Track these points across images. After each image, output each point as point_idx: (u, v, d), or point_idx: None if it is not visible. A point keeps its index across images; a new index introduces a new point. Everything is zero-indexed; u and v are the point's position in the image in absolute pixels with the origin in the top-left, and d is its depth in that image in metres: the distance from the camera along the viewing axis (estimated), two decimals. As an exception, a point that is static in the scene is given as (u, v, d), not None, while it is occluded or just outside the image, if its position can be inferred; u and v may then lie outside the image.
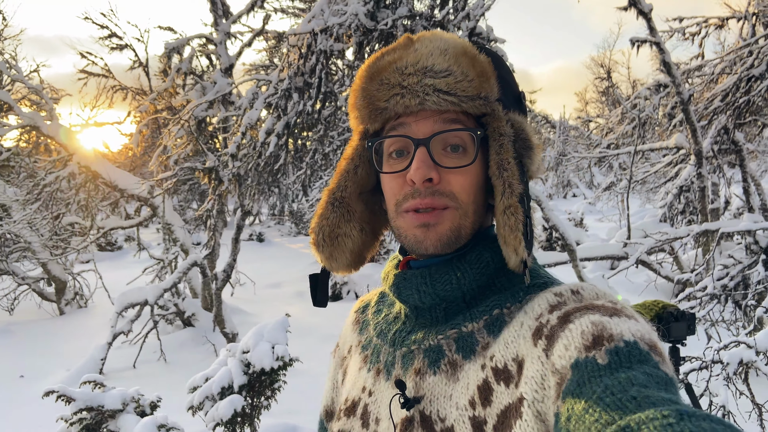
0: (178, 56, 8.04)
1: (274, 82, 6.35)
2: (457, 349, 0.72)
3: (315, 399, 5.77)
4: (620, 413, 0.47)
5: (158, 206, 8.82)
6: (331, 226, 0.84)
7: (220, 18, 8.50)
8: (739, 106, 9.76)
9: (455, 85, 0.71)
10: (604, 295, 0.66)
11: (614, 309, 0.61)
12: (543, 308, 0.66)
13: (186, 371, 7.28)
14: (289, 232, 22.14)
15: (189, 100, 7.56)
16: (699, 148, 8.90)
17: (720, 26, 13.05)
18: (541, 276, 0.76)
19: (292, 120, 6.13)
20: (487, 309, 0.72)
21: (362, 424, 0.81)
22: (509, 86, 0.78)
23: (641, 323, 0.60)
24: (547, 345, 0.61)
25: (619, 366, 0.53)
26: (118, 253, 18.34)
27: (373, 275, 11.18)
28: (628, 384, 0.50)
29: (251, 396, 3.90)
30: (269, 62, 14.85)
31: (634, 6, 8.60)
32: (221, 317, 7.67)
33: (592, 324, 0.58)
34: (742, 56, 9.46)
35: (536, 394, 0.59)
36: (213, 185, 6.41)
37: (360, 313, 0.97)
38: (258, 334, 3.97)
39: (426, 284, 0.75)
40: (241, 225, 7.28)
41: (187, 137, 7.13)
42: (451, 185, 0.73)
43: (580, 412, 0.50)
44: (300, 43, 6.27)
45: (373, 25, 6.05)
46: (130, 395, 3.27)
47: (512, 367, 0.65)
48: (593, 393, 0.51)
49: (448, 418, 0.69)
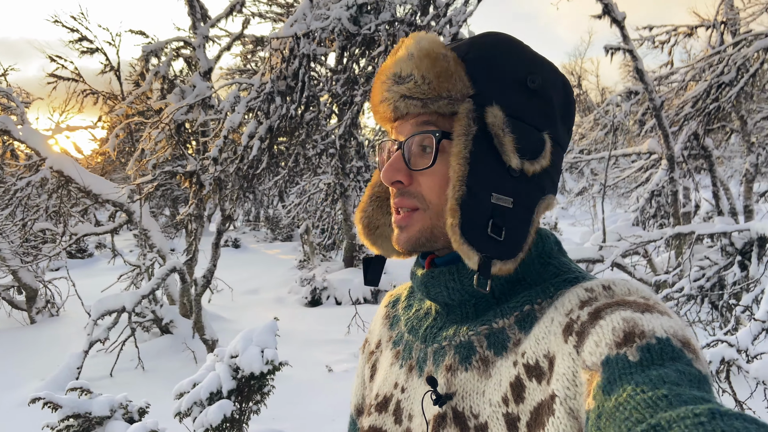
0: (155, 59, 7.94)
1: (257, 85, 6.32)
2: (489, 345, 0.72)
3: (298, 405, 5.71)
4: (651, 411, 0.46)
5: (134, 212, 8.66)
6: (369, 218, 0.89)
7: (199, 21, 8.43)
8: (709, 112, 10.02)
9: (415, 89, 0.72)
10: (636, 291, 0.65)
11: (646, 305, 0.61)
12: (573, 304, 0.66)
13: (165, 379, 7.16)
14: (265, 238, 21.96)
15: (167, 104, 7.46)
16: (671, 153, 9.11)
17: (689, 34, 13.40)
18: (572, 270, 0.75)
19: (275, 124, 6.10)
20: (518, 305, 0.72)
21: (395, 420, 0.81)
22: (502, 74, 0.73)
23: (674, 319, 0.59)
24: (578, 341, 0.60)
25: (650, 363, 0.52)
26: (89, 261, 17.96)
27: (353, 280, 11.17)
28: (660, 382, 0.49)
29: (240, 401, 3.86)
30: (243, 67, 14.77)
31: (608, 14, 8.77)
32: (201, 324, 7.57)
33: (623, 320, 0.58)
34: (712, 63, 9.73)
35: (568, 391, 0.59)
36: (194, 189, 6.33)
37: (390, 307, 0.97)
38: (247, 339, 3.93)
39: (454, 281, 0.75)
40: (221, 230, 7.21)
41: (167, 141, 7.03)
42: (420, 186, 0.75)
43: (611, 410, 0.50)
44: (282, 47, 6.25)
45: (356, 29, 6.06)
46: (118, 401, 3.20)
47: (544, 364, 0.64)
48: (624, 390, 0.50)
49: (481, 414, 0.69)
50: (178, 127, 7.24)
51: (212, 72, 8.40)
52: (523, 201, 0.72)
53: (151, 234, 8.82)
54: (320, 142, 7.90)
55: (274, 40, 6.27)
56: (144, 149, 7.38)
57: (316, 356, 7.26)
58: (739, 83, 9.50)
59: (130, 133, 11.73)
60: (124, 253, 14.60)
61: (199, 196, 6.23)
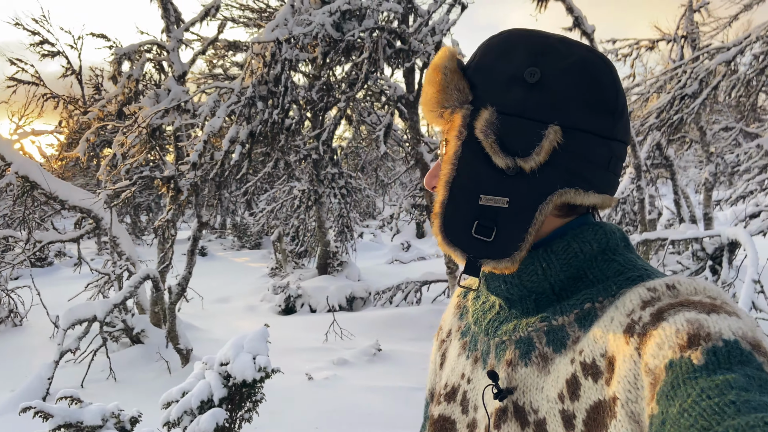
0: (128, 62, 7.78)
1: (237, 90, 6.26)
2: (548, 342, 0.72)
3: (280, 414, 5.64)
4: (718, 418, 0.45)
5: (102, 218, 8.44)
6: None
7: (173, 25, 8.31)
8: (672, 122, 10.34)
9: (428, 101, 0.78)
10: (703, 290, 0.63)
11: (713, 305, 0.58)
12: (635, 304, 0.64)
13: (137, 390, 6.97)
14: (232, 246, 21.64)
15: (141, 107, 7.31)
16: (638, 162, 9.37)
17: (651, 48, 13.84)
18: (637, 268, 0.72)
19: (257, 129, 6.04)
20: (578, 302, 0.71)
21: (462, 410, 0.82)
22: (497, 74, 0.73)
23: (744, 320, 0.56)
24: (640, 343, 0.59)
25: (717, 367, 0.50)
26: (50, 270, 17.39)
27: (328, 287, 11.10)
28: (727, 387, 0.47)
29: (231, 409, 3.79)
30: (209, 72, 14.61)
31: (578, 27, 8.98)
32: (175, 333, 7.40)
33: (687, 322, 0.56)
34: (676, 75, 10.06)
35: (629, 394, 0.58)
36: (171, 195, 6.21)
37: (462, 297, 0.98)
38: (237, 346, 3.87)
39: (513, 276, 0.75)
40: (197, 236, 7.09)
41: (141, 145, 6.89)
42: None
43: (675, 416, 0.48)
44: (263, 51, 6.21)
45: (339, 36, 6.07)
46: (109, 411, 3.11)
47: (600, 363, 0.64)
48: (688, 396, 0.48)
49: (540, 410, 0.69)
50: (153, 131, 7.10)
51: (186, 76, 8.29)
52: (521, 200, 0.71)
53: (121, 241, 8.60)
54: (303, 148, 7.86)
55: (255, 44, 6.22)
56: (116, 154, 7.21)
57: (295, 364, 7.18)
58: (702, 95, 9.84)
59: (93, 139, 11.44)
60: (87, 261, 14.17)
61: (177, 202, 6.11)
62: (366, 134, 12.35)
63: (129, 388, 6.96)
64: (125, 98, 7.68)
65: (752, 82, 9.42)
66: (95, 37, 11.91)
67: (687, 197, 13.68)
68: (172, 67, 8.09)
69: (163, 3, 8.16)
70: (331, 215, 13.06)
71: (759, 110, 16.58)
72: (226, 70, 14.45)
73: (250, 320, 10.42)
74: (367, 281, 12.37)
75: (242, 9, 11.10)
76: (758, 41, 8.27)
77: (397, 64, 6.84)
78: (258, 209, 17.22)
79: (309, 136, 7.83)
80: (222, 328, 9.65)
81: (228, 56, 12.43)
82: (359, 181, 13.75)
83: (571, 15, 8.43)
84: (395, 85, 6.92)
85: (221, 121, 6.11)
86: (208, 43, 8.43)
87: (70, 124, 18.70)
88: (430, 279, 10.08)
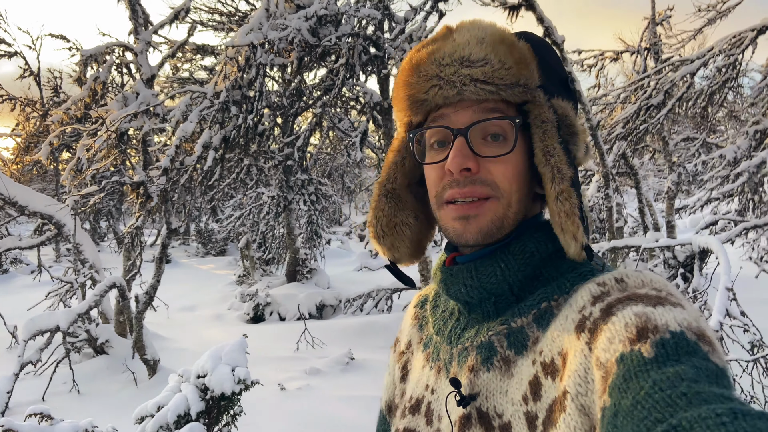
0: (95, 64, 7.56)
1: (210, 94, 6.13)
2: (509, 345, 0.71)
3: (253, 426, 5.52)
4: (671, 410, 0.46)
5: (64, 225, 8.15)
6: (387, 216, 0.86)
7: (141, 27, 8.11)
8: (638, 132, 10.58)
9: (492, 74, 0.71)
10: (650, 282, 0.64)
11: (658, 297, 0.60)
12: (586, 300, 0.66)
13: (103, 403, 6.73)
14: (196, 253, 21.22)
15: (108, 111, 7.10)
16: (606, 170, 9.54)
17: (615, 59, 14.18)
18: (588, 263, 0.74)
19: (231, 134, 5.93)
20: (535, 302, 0.71)
21: (426, 421, 0.81)
22: (553, 71, 0.77)
23: (688, 310, 0.58)
24: (590, 338, 0.60)
25: (666, 359, 0.52)
26: (5, 277, 16.74)
27: (298, 295, 10.95)
28: (678, 379, 0.49)
29: (208, 423, 3.67)
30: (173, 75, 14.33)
31: (549, 37, 9.12)
32: (141, 343, 7.17)
33: (635, 315, 0.57)
34: (641, 86, 10.29)
35: (579, 387, 0.59)
36: (141, 201, 6.03)
37: (419, 308, 0.97)
38: (215, 357, 3.75)
39: (472, 278, 0.75)
40: (166, 244, 6.90)
41: (108, 150, 6.69)
42: (492, 174, 0.73)
43: (628, 408, 0.49)
44: (237, 56, 6.10)
45: (315, 41, 6.01)
46: (82, 427, 2.97)
47: (558, 361, 0.64)
48: (641, 389, 0.49)
49: (505, 413, 0.69)
50: (121, 136, 6.91)
51: (155, 79, 8.10)
52: (579, 189, 0.72)
53: (84, 248, 8.32)
54: (277, 154, 7.74)
55: (229, 48, 6.11)
56: (81, 158, 6.98)
57: (266, 374, 7.03)
58: (667, 106, 10.09)
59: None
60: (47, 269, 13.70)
61: (146, 208, 5.94)
62: (335, 140, 12.28)
63: (94, 401, 6.71)
64: (91, 101, 7.45)
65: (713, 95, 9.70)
66: (55, 38, 11.57)
67: (650, 205, 14.01)
68: (140, 70, 7.89)
69: (132, 4, 7.96)
70: (299, 222, 12.93)
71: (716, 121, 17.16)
72: (192, 73, 14.20)
73: (218, 329, 10.21)
74: (336, 288, 12.26)
75: (211, 12, 10.93)
76: (720, 55, 8.53)
77: (372, 70, 6.81)
78: (224, 215, 16.94)
79: (284, 142, 7.72)
80: (189, 338, 9.42)
81: (196, 60, 12.21)
82: (327, 187, 13.66)
83: (542, 25, 8.54)
84: (371, 92, 6.88)
85: (194, 126, 5.98)
86: (178, 46, 8.27)
87: (27, 127, 18.10)
88: (401, 286, 10.04)
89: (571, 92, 0.78)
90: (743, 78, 16.32)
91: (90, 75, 7.59)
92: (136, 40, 8.03)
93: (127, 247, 7.98)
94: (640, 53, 13.02)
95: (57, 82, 17.97)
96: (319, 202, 12.33)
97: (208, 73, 12.33)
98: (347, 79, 6.33)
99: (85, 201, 7.11)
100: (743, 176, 6.92)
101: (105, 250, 22.20)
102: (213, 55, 10.91)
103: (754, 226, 6.28)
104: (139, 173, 6.08)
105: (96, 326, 7.67)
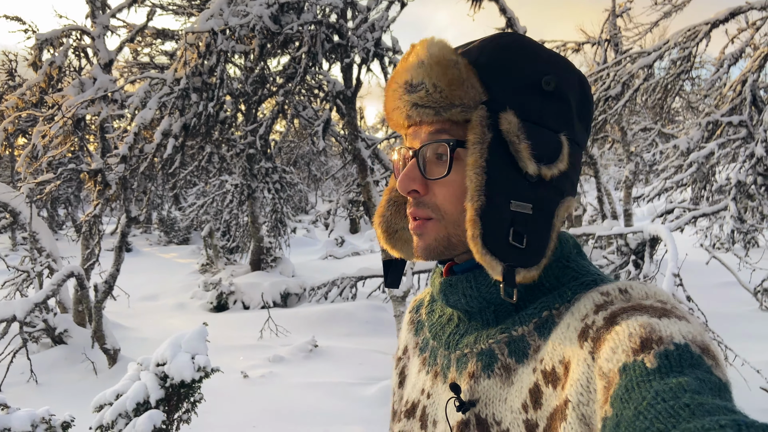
0: (51, 48, 7.36)
1: (169, 81, 6.05)
2: (510, 353, 0.72)
3: (216, 413, 5.53)
4: (673, 421, 0.46)
5: (20, 212, 7.96)
6: (387, 222, 0.88)
7: (98, 10, 7.92)
8: (597, 123, 10.79)
9: (427, 98, 0.71)
10: (654, 294, 0.64)
11: (663, 309, 0.60)
12: (588, 309, 0.65)
13: (62, 393, 6.63)
14: (158, 241, 20.88)
15: (65, 96, 6.94)
16: (567, 160, 9.73)
17: (576, 50, 14.41)
18: (590, 273, 0.74)
19: (191, 121, 5.87)
20: (536, 311, 0.71)
21: (421, 425, 0.81)
22: (513, 79, 0.72)
23: (693, 324, 0.58)
24: (594, 347, 0.60)
25: (669, 370, 0.51)
26: (-44, 267, 16.20)
27: (262, 284, 10.92)
28: (680, 390, 0.48)
29: (168, 411, 3.68)
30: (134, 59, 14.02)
31: (511, 27, 9.22)
32: (101, 332, 7.09)
33: (640, 326, 0.57)
34: (600, 78, 10.50)
35: (581, 397, 0.59)
36: (99, 189, 5.94)
37: (414, 312, 0.97)
38: (175, 345, 3.75)
39: (471, 288, 0.75)
40: (125, 232, 6.81)
41: (64, 137, 6.55)
42: (435, 196, 0.74)
43: (630, 419, 0.49)
44: (197, 42, 6.03)
45: (277, 28, 5.97)
46: (39, 416, 2.95)
47: (559, 370, 0.64)
48: (643, 399, 0.49)
49: (503, 421, 0.69)
50: (78, 122, 6.77)
51: (113, 64, 7.94)
52: (543, 206, 0.70)
53: (41, 237, 8.14)
54: (239, 142, 7.67)
55: (189, 34, 6.03)
56: (37, 145, 6.81)
57: (229, 362, 7.03)
58: (625, 97, 10.33)
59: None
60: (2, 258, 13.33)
61: (105, 196, 5.85)
62: (299, 128, 12.22)
63: (52, 391, 6.62)
64: (47, 86, 7.27)
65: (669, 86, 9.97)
66: (9, 20, 11.18)
67: (609, 194, 14.35)
68: (97, 55, 7.72)
69: (88, -14, 7.77)
70: (263, 210, 12.84)
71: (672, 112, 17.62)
72: (153, 58, 13.92)
73: (181, 318, 10.13)
74: (301, 277, 12.26)
75: (172, -4, 10.70)
76: (676, 47, 8.77)
77: (335, 59, 6.80)
78: (187, 204, 16.70)
79: (245, 130, 7.66)
80: (151, 327, 9.33)
81: (156, 44, 11.97)
82: (292, 175, 13.60)
83: (504, 16, 8.64)
84: (334, 81, 6.88)
85: (153, 113, 5.89)
86: (137, 31, 8.11)
87: (7, 111, 17.43)
88: (366, 274, 10.11)
89: (549, 94, 0.72)
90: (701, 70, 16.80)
91: (46, 59, 7.39)
92: (93, 24, 7.84)
93: (85, 235, 7.84)
94: (600, 45, 13.27)
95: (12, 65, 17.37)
96: (284, 191, 12.26)
97: (169, 58, 12.09)
98: (310, 67, 6.32)
99: (41, 188, 6.95)
100: (693, 166, 7.16)
101: (63, 239, 21.67)
102: (173, 40, 10.72)
103: (703, 214, 6.53)
104: (96, 160, 5.99)
105: (54, 316, 7.54)
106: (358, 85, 6.77)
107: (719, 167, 8.90)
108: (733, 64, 8.89)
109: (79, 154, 10.39)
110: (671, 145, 9.76)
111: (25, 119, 10.50)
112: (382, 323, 9.11)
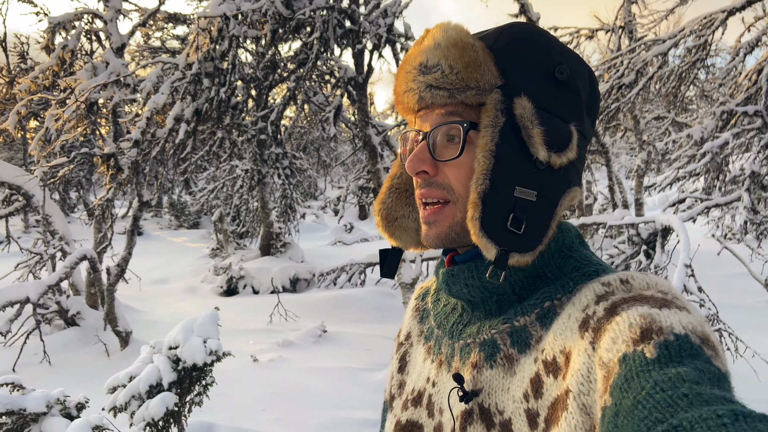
0: (63, 32, 7.38)
1: (181, 66, 6.05)
2: (512, 343, 0.72)
3: (227, 396, 5.60)
4: (671, 411, 0.46)
5: (33, 195, 8.03)
6: (388, 209, 0.89)
7: (111, -7, 7.92)
8: (610, 111, 10.70)
9: (442, 80, 0.71)
10: (655, 285, 0.64)
11: (664, 300, 0.60)
12: (589, 299, 0.66)
13: (74, 374, 6.73)
14: (169, 225, 21.02)
15: (78, 80, 6.97)
16: (578, 148, 9.67)
17: (590, 37, 14.24)
18: (592, 263, 0.74)
19: (203, 107, 5.88)
20: (538, 301, 0.72)
21: (428, 414, 0.82)
22: (529, 67, 0.73)
23: (693, 315, 0.58)
24: (594, 337, 0.60)
25: (669, 360, 0.52)
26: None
27: (271, 269, 10.98)
28: (679, 380, 0.49)
29: (180, 393, 3.73)
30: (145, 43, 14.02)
31: (524, 14, 9.13)
32: (113, 315, 7.17)
33: (640, 316, 0.57)
34: (614, 65, 10.39)
35: (582, 386, 0.59)
36: (111, 173, 5.98)
37: (420, 300, 0.97)
38: (187, 329, 3.79)
39: (473, 278, 0.75)
40: (138, 216, 6.86)
41: (77, 121, 6.58)
42: (447, 177, 0.74)
43: (629, 408, 0.49)
44: (210, 27, 6.02)
45: (289, 13, 5.95)
46: (54, 396, 3.00)
47: (560, 360, 0.65)
48: (642, 389, 0.49)
49: (506, 410, 0.70)
50: (91, 106, 6.80)
51: (125, 48, 7.94)
52: (548, 194, 0.71)
53: (54, 220, 8.22)
54: (250, 128, 7.68)
55: (201, 19, 6.02)
56: (50, 128, 6.86)
57: (239, 346, 7.11)
58: (638, 85, 10.23)
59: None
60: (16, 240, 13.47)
61: (117, 181, 5.89)
62: (310, 114, 12.21)
63: (65, 372, 6.72)
64: (60, 69, 7.29)
65: (683, 75, 9.86)
66: (21, 2, 11.22)
67: (620, 183, 14.27)
68: (109, 39, 7.73)
69: (101, -30, 7.76)
70: (273, 195, 12.87)
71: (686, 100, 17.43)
72: (164, 42, 13.92)
73: (191, 302, 10.22)
74: (310, 263, 12.31)
75: (184, -20, 10.67)
76: (691, 35, 8.66)
77: (347, 44, 6.77)
78: (197, 188, 16.77)
79: (257, 116, 7.66)
80: (161, 310, 9.43)
81: (168, 28, 11.96)
82: (302, 161, 13.62)
83: (518, 2, 8.56)
84: (345, 67, 6.86)
85: (165, 98, 5.91)
86: (149, 15, 8.10)
87: (20, 94, 17.52)
88: (375, 261, 10.13)
89: (561, 84, 0.74)
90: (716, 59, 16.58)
91: (58, 43, 7.41)
92: (105, 8, 7.84)
93: (97, 219, 7.91)
94: (614, 31, 13.11)
95: (24, 48, 17.43)
96: (294, 176, 12.28)
97: (181, 42, 12.09)
98: (321, 52, 6.30)
99: (54, 172, 7.01)
100: (707, 156, 7.10)
101: (75, 222, 21.86)
102: (185, 24, 10.70)
103: (716, 204, 6.48)
104: (109, 145, 6.02)
105: (67, 298, 7.63)
106: (370, 72, 6.74)
107: (733, 157, 8.81)
108: (749, 53, 8.76)
109: (91, 137, 10.45)
110: (685, 134, 9.68)
111: (38, 102, 10.56)
112: (390, 309, 9.15)
